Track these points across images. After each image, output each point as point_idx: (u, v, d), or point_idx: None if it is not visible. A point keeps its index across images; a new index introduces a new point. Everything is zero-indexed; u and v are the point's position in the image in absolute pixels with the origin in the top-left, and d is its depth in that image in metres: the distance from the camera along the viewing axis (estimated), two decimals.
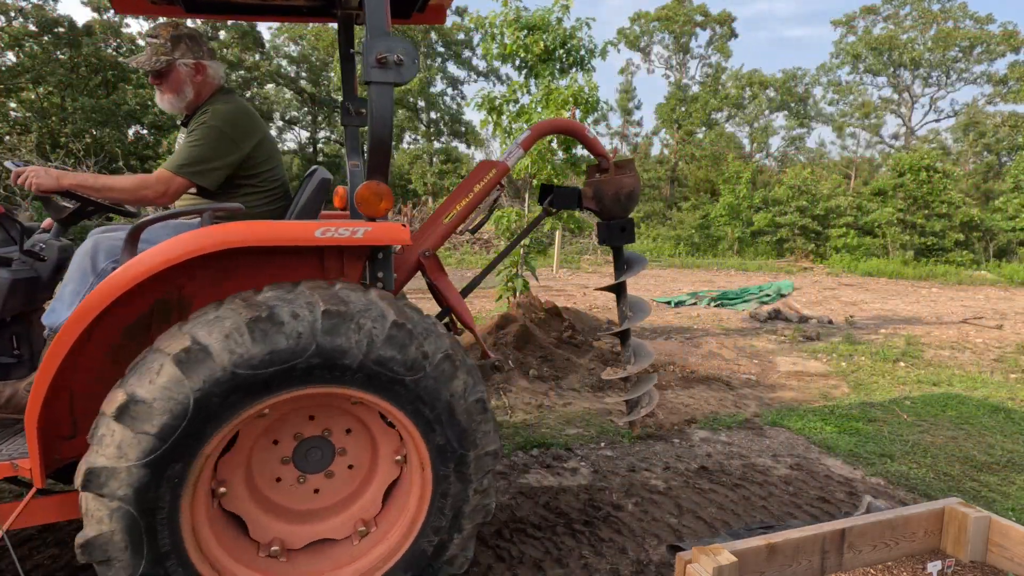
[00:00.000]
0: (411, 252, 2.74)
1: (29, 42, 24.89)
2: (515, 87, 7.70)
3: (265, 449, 2.21)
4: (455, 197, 2.85)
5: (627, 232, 3.08)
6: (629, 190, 3.00)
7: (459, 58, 35.33)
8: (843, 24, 38.45)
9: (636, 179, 3.03)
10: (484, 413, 2.19)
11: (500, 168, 2.87)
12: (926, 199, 23.92)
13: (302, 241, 2.08)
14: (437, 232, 2.80)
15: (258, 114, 2.78)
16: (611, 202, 3.01)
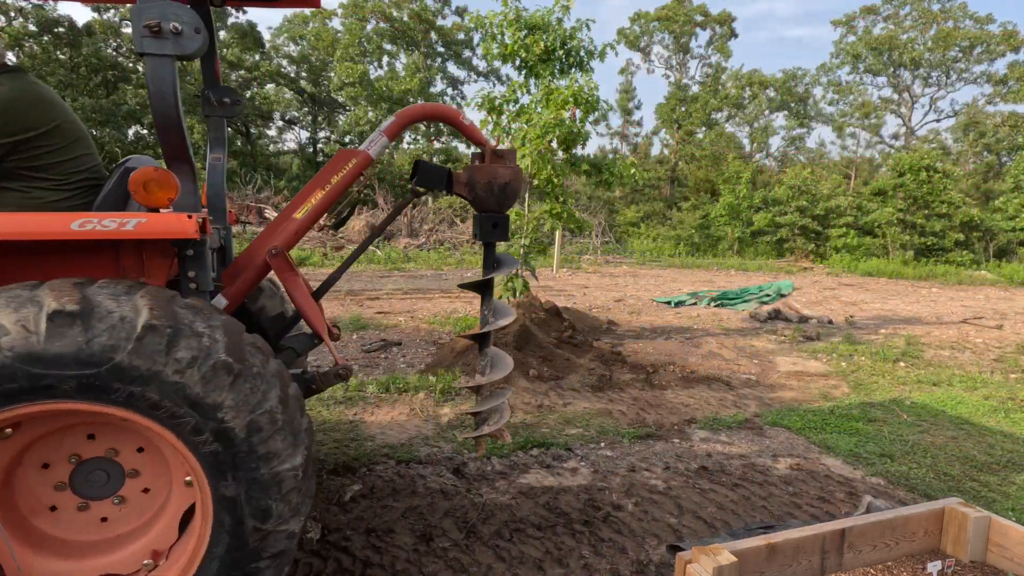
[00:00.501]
0: (258, 250, 2.57)
1: (29, 42, 24.87)
2: (515, 87, 7.70)
3: (29, 474, 1.94)
4: (310, 190, 2.64)
5: (499, 229, 2.88)
6: (504, 181, 2.80)
7: (459, 58, 35.32)
8: (843, 24, 38.46)
9: (514, 173, 2.82)
10: (275, 425, 1.92)
11: (361, 158, 2.68)
12: (926, 199, 23.92)
13: (54, 235, 1.84)
14: (288, 228, 2.61)
15: (55, 99, 2.52)
16: (483, 191, 2.80)
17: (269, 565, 2.00)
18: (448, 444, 4.29)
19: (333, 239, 20.20)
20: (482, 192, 2.81)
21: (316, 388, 2.68)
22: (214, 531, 1.93)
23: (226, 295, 2.57)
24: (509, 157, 2.84)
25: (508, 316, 3.04)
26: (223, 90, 3.09)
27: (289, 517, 2.00)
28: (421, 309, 10.29)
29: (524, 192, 8.55)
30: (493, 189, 2.81)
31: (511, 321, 3.06)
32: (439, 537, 3.03)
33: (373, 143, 2.72)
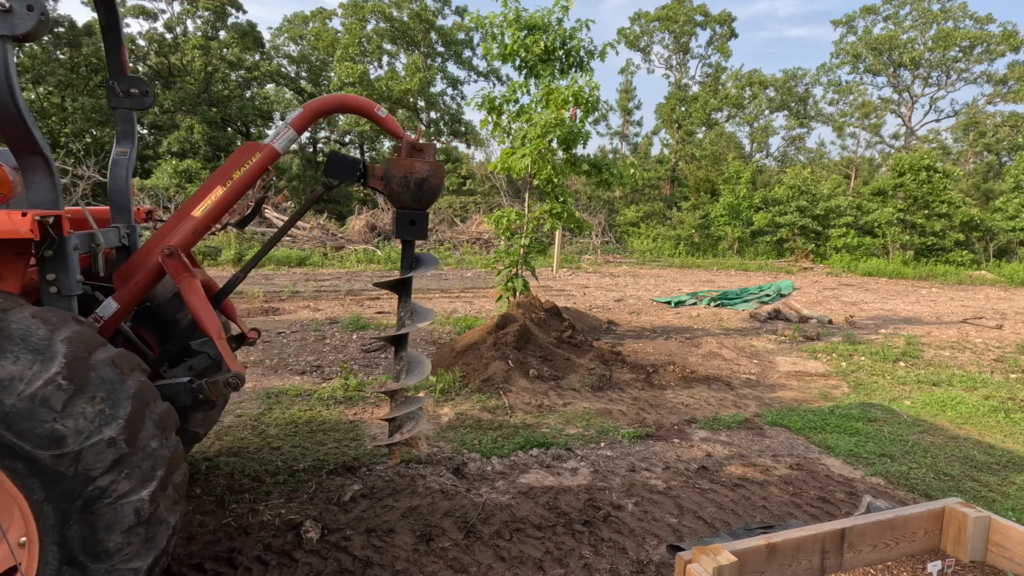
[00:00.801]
0: (152, 251, 2.44)
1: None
2: (515, 87, 7.70)
3: None
4: (210, 186, 2.52)
5: (417, 227, 2.76)
6: (420, 177, 2.68)
7: (459, 58, 35.32)
8: (843, 24, 38.45)
9: (432, 168, 2.70)
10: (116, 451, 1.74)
11: (266, 152, 2.55)
12: (926, 199, 23.92)
13: None
14: (186, 227, 2.47)
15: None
16: (399, 186, 2.68)
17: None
18: (448, 444, 4.29)
19: (333, 239, 20.19)
20: (397, 187, 2.69)
21: (204, 398, 2.50)
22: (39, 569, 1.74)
23: (117, 299, 2.44)
24: (428, 152, 2.73)
25: (427, 318, 2.93)
26: (131, 80, 2.94)
27: (134, 555, 1.79)
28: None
29: (524, 192, 8.56)
30: (409, 184, 2.69)
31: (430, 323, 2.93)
32: (439, 537, 3.03)
33: (279, 136, 2.61)
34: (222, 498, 3.33)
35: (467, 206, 28.75)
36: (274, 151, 2.59)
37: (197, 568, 2.68)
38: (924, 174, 23.89)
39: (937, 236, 23.82)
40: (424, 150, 2.72)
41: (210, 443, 4.13)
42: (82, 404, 1.70)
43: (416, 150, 2.72)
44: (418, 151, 2.72)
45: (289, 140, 2.63)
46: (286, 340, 7.55)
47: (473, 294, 12.48)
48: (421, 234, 2.79)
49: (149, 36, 29.25)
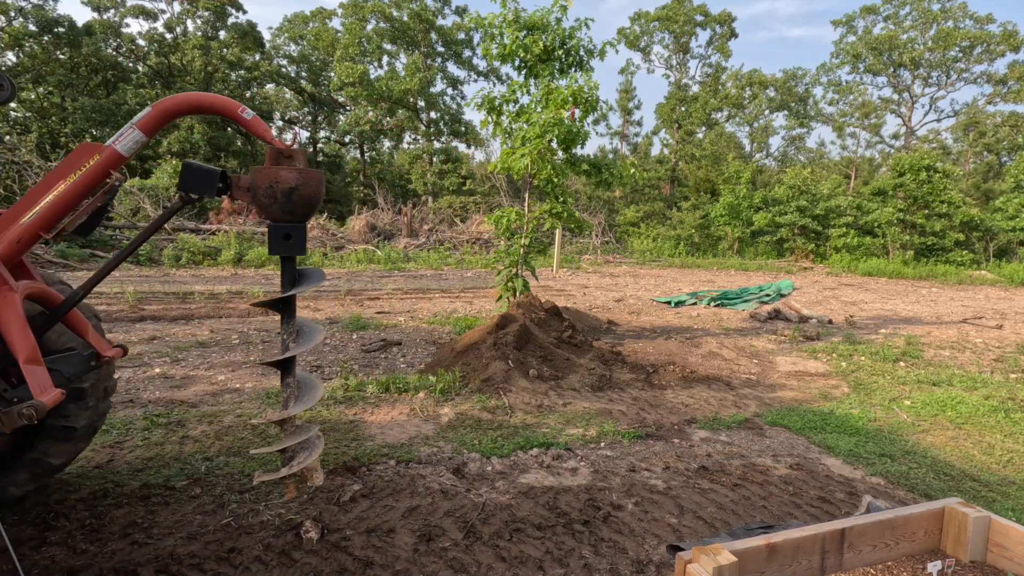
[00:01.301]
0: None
1: (29, 42, 24.87)
2: (515, 87, 7.70)
3: None
4: (40, 190, 2.32)
5: (292, 241, 2.50)
6: (288, 186, 2.43)
7: (459, 58, 35.33)
8: (843, 24, 38.46)
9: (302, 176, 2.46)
10: None
11: (107, 155, 2.35)
12: (926, 199, 23.93)
13: None
14: (10, 235, 2.28)
15: None
16: (266, 197, 2.43)
17: None
18: (448, 444, 4.29)
19: (333, 239, 20.19)
20: (264, 198, 2.44)
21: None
22: None
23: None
24: (298, 158, 2.49)
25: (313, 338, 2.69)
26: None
27: None
28: (421, 309, 10.29)
29: (524, 192, 8.55)
30: (276, 195, 2.43)
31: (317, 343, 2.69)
32: (439, 537, 3.03)
33: (122, 137, 2.41)
34: (222, 498, 3.33)
35: (467, 206, 28.76)
36: (116, 153, 2.38)
37: (197, 568, 2.68)
38: (924, 174, 23.89)
39: (937, 236, 23.83)
40: (293, 156, 2.49)
41: (210, 443, 4.13)
42: None
43: (285, 156, 2.48)
44: (287, 158, 2.48)
45: (135, 142, 2.42)
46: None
47: (473, 294, 12.48)
48: (298, 249, 2.53)
49: (149, 36, 29.26)
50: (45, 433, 2.98)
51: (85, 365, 2.60)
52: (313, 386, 2.83)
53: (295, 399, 2.70)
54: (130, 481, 3.49)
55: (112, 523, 3.02)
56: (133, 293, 10.23)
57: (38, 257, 13.99)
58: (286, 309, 2.67)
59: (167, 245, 16.53)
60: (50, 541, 2.85)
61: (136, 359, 6.36)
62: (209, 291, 11.14)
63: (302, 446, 2.79)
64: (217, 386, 5.53)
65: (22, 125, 24.71)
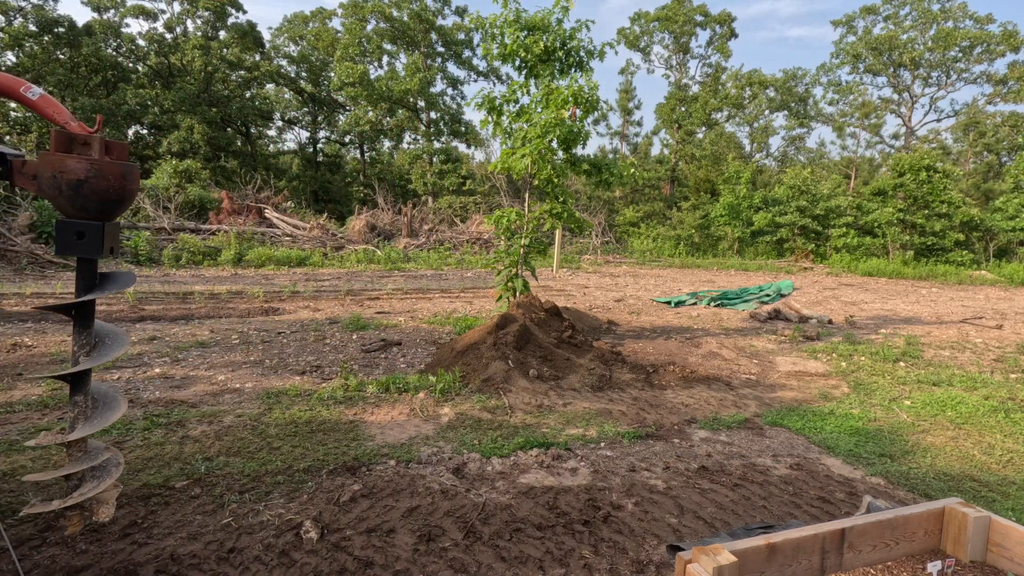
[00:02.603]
0: None
1: (29, 42, 24.86)
2: (515, 87, 7.70)
3: None
4: None
5: (86, 241, 2.14)
6: (75, 178, 2.08)
7: (459, 58, 35.33)
8: (843, 24, 38.46)
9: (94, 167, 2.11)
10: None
11: None
12: (926, 199, 23.93)
13: None
14: None
15: None
16: (50, 188, 2.10)
17: None
18: (448, 444, 4.29)
19: (333, 239, 20.20)
20: (48, 189, 2.11)
21: None
22: None
23: None
24: (91, 146, 2.15)
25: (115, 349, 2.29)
26: None
27: None
28: (421, 309, 10.29)
29: (524, 192, 8.54)
30: (60, 187, 2.09)
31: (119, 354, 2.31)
32: (439, 537, 3.03)
33: None
34: (222, 498, 3.33)
35: (467, 206, 28.75)
36: None
37: (197, 568, 2.68)
38: (924, 174, 23.90)
39: (937, 236, 23.84)
40: (88, 143, 2.13)
41: (210, 443, 4.13)
42: None
43: (78, 143, 2.14)
44: (80, 144, 2.13)
45: None
46: (286, 340, 7.55)
47: (473, 294, 12.48)
48: (91, 249, 2.15)
49: (149, 36, 29.26)
50: None
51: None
52: (112, 404, 2.42)
53: (84, 419, 2.35)
54: (130, 481, 3.49)
55: (112, 523, 3.02)
56: (133, 293, 10.24)
57: (38, 257, 14.00)
58: (80, 317, 2.31)
59: (167, 245, 16.54)
60: (50, 541, 2.85)
61: (136, 359, 6.36)
62: (209, 291, 11.14)
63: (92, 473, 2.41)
64: (217, 386, 5.52)
65: (22, 125, 24.71)
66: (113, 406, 2.41)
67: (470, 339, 6.54)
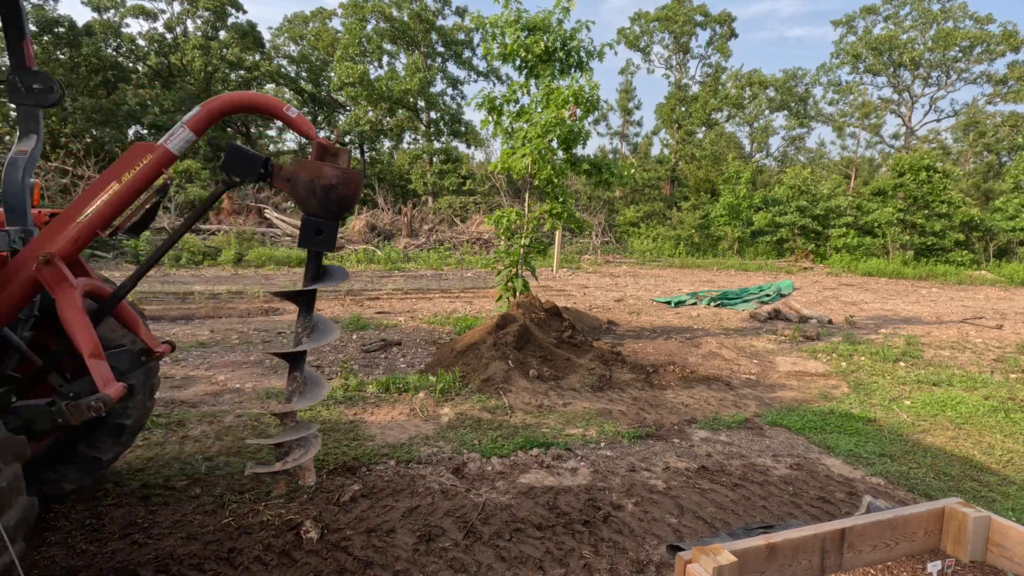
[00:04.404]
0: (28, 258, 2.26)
1: None
2: (515, 87, 7.70)
3: None
4: (96, 189, 2.35)
5: (323, 237, 2.54)
6: (328, 183, 2.47)
7: (459, 58, 35.32)
8: (843, 24, 38.46)
9: (344, 176, 2.50)
10: None
11: (159, 154, 2.38)
12: (926, 199, 23.93)
13: None
14: (68, 233, 2.29)
15: None
16: (304, 190, 2.48)
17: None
18: (448, 444, 4.29)
19: None
20: (303, 191, 2.49)
21: (64, 422, 2.29)
22: None
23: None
24: (342, 157, 2.54)
25: (329, 335, 2.65)
26: (35, 75, 2.74)
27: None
28: (421, 309, 10.29)
29: (524, 192, 8.55)
30: (315, 190, 2.48)
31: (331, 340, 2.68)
32: (439, 537, 3.03)
33: (173, 137, 2.45)
34: (222, 498, 3.33)
35: (467, 206, 28.75)
36: (168, 152, 2.42)
37: (197, 568, 2.68)
38: (924, 174, 23.90)
39: (937, 236, 23.83)
40: (338, 155, 2.53)
41: (210, 443, 4.13)
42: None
43: (329, 154, 2.53)
44: (331, 155, 2.53)
45: (185, 141, 2.47)
46: (286, 340, 7.55)
47: (473, 294, 12.48)
48: (327, 245, 2.56)
49: (149, 36, 29.26)
50: (97, 429, 3.02)
51: (136, 360, 2.63)
52: (319, 384, 2.79)
53: (299, 394, 2.68)
54: (130, 481, 3.49)
55: (112, 523, 3.02)
56: (133, 293, 10.25)
57: None
58: (305, 303, 2.69)
59: None
60: (50, 541, 2.85)
61: None
62: (209, 291, 11.14)
63: (298, 443, 2.76)
64: (217, 386, 5.52)
65: None
66: (320, 385, 2.76)
67: (470, 339, 6.54)
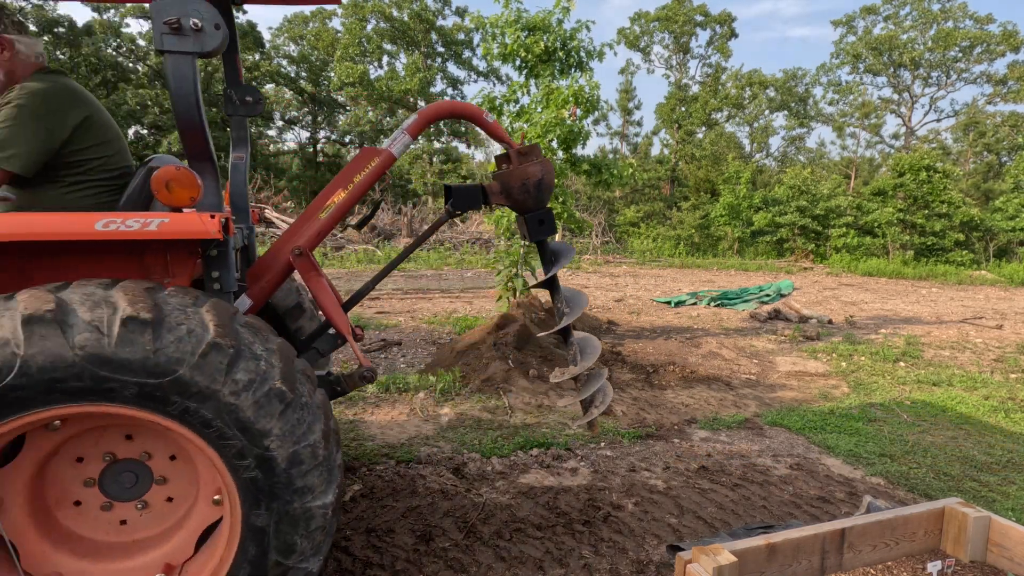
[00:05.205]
0: (282, 251, 2.55)
1: None
2: (515, 87, 7.71)
3: (63, 467, 1.92)
4: (332, 189, 2.63)
5: (547, 224, 2.86)
6: (537, 179, 2.75)
7: (459, 58, 35.32)
8: (843, 24, 38.46)
9: (543, 166, 2.79)
10: (315, 459, 1.90)
11: (384, 157, 2.64)
12: (926, 199, 23.92)
13: (79, 235, 1.81)
14: (312, 228, 2.58)
15: (88, 95, 2.54)
16: (520, 194, 2.75)
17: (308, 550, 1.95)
18: (448, 444, 4.29)
19: (333, 239, 20.20)
20: (519, 195, 2.78)
21: (341, 390, 2.66)
22: (236, 558, 1.89)
23: (250, 295, 2.55)
24: (534, 153, 2.80)
25: (582, 304, 3.01)
26: (245, 89, 3.07)
27: (310, 555, 1.94)
28: (421, 309, 10.29)
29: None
30: (529, 189, 2.76)
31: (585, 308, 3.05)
32: (439, 537, 3.03)
33: (396, 141, 2.69)
34: None
35: None
36: (391, 155, 2.66)
37: None
38: (924, 174, 23.88)
39: (937, 236, 23.82)
40: (531, 153, 2.79)
41: None
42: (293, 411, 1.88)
43: (525, 155, 2.78)
44: (525, 156, 2.78)
45: (404, 145, 2.70)
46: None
47: (473, 294, 12.48)
48: (552, 230, 2.88)
49: (149, 36, 29.26)
50: None
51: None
52: (592, 343, 3.06)
53: (580, 355, 2.98)
54: None
55: None
56: None
57: None
58: (553, 285, 2.99)
59: None
60: None
61: None
62: None
63: (599, 391, 3.07)
64: None
65: None
66: (594, 346, 3.02)
67: (470, 339, 6.54)
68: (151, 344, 1.69)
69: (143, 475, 2.00)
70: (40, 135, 2.27)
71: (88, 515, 1.96)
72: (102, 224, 1.81)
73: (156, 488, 2.02)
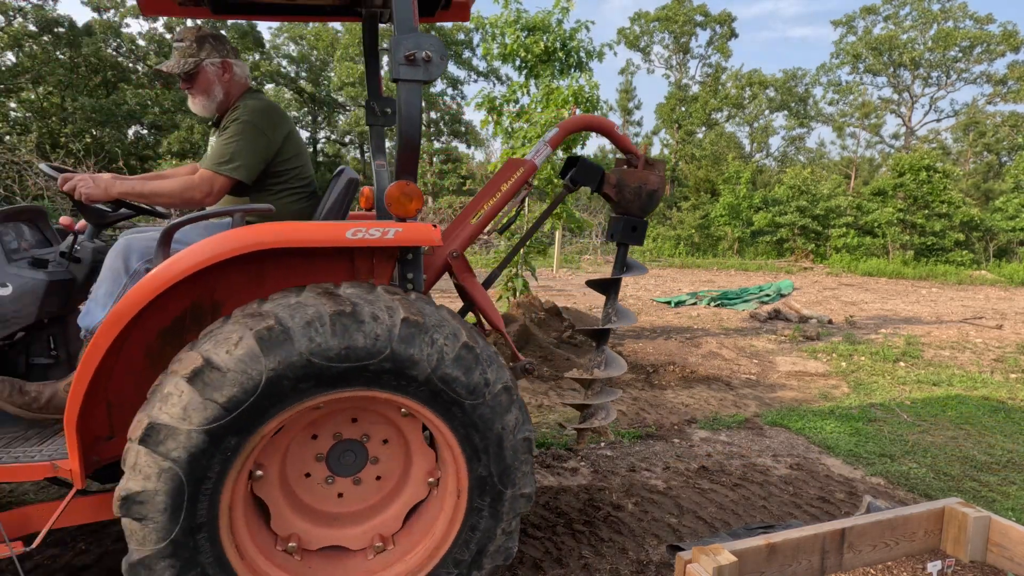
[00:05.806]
0: (439, 253, 2.70)
1: (29, 42, 24.86)
2: (515, 87, 7.71)
3: (304, 442, 2.18)
4: (482, 197, 2.82)
5: (638, 232, 3.06)
6: (652, 189, 2.97)
7: (459, 58, 35.34)
8: (843, 24, 38.47)
9: (661, 181, 3.02)
10: (528, 453, 2.16)
11: (528, 167, 2.84)
12: (926, 199, 23.92)
13: (334, 242, 2.06)
14: (465, 233, 2.76)
15: (285, 112, 2.79)
16: (631, 195, 2.98)
17: (512, 530, 2.21)
18: None
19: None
20: (629, 195, 2.99)
21: None
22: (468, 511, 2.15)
23: None
24: (659, 167, 3.01)
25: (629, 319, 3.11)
26: (385, 101, 3.22)
27: (509, 539, 2.21)
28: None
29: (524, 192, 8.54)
30: (641, 194, 2.97)
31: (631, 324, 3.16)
32: None
33: (538, 153, 2.90)
34: None
35: (466, 205, 28.75)
36: (534, 166, 2.85)
37: None
38: (924, 174, 23.89)
39: (937, 236, 23.82)
40: (655, 165, 3.00)
41: None
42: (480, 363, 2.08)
43: (649, 165, 2.99)
44: (650, 166, 3.00)
45: (545, 156, 2.92)
46: None
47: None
48: (640, 240, 3.08)
49: (149, 36, 29.27)
50: None
51: None
52: (619, 362, 3.14)
53: (605, 365, 3.10)
54: None
55: (112, 524, 3.02)
56: None
57: None
58: (612, 290, 3.14)
59: None
60: (49, 541, 2.85)
61: None
62: None
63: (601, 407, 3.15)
64: None
65: (22, 125, 24.71)
66: (620, 364, 3.12)
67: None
68: (428, 345, 1.96)
69: (360, 454, 2.25)
70: (260, 147, 2.53)
71: (314, 486, 2.22)
72: (351, 233, 2.05)
73: (369, 467, 2.27)
